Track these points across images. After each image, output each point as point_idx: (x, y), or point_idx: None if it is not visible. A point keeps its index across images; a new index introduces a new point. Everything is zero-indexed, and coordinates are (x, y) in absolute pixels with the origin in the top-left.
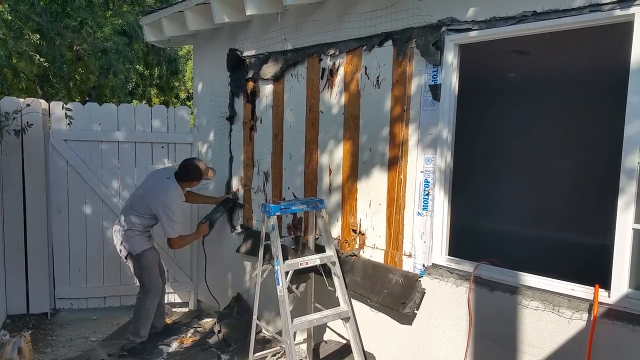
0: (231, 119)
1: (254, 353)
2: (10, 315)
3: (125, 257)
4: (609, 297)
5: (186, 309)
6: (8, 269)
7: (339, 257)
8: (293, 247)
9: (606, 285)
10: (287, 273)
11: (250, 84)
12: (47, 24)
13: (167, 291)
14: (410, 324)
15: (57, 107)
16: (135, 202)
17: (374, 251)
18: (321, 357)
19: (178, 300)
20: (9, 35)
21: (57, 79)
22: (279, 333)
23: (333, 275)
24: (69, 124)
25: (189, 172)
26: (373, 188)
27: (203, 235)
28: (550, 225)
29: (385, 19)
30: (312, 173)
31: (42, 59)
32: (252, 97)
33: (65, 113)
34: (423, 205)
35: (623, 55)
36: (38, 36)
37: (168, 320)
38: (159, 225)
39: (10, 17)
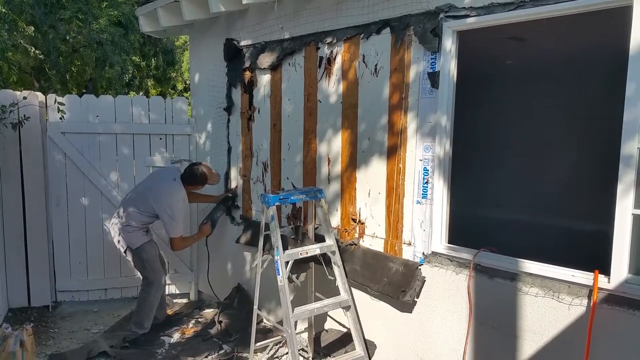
0: (229, 109)
1: (256, 343)
2: (11, 309)
3: (125, 252)
4: (609, 282)
5: (187, 300)
6: (9, 263)
7: (338, 247)
8: (293, 237)
9: (606, 270)
10: (287, 263)
11: (248, 74)
12: (40, 17)
13: (167, 282)
14: (411, 312)
15: (54, 100)
16: (136, 197)
17: (373, 240)
18: (322, 345)
19: (179, 291)
20: (4, 27)
21: (54, 72)
22: (280, 322)
23: (333, 265)
24: (60, 118)
25: (195, 176)
26: (372, 177)
27: (205, 235)
28: (549, 212)
29: (383, 6)
30: (310, 163)
31: (37, 52)
32: (250, 87)
33: (58, 107)
34: (422, 194)
35: (622, 41)
36: (32, 28)
37: (169, 311)
38: (158, 221)
39: (4, 10)
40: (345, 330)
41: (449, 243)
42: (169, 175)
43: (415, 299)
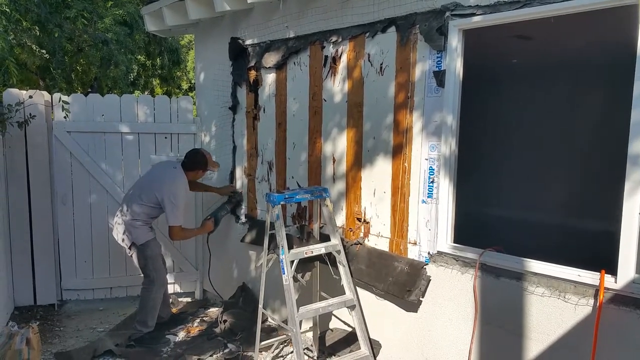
0: (234, 108)
1: (261, 341)
2: (17, 307)
3: (129, 248)
4: (616, 282)
5: (192, 299)
6: (15, 261)
7: (343, 246)
8: (298, 236)
9: (613, 270)
10: (292, 262)
11: (253, 73)
12: (45, 16)
13: (171, 281)
14: (416, 312)
15: (58, 99)
16: (139, 191)
17: (378, 239)
18: (327, 345)
19: (184, 290)
20: (9, 27)
21: (59, 71)
22: (285, 322)
23: (338, 264)
24: (65, 117)
25: (195, 160)
26: (377, 176)
27: (207, 232)
28: (556, 212)
29: (388, 4)
30: (316, 162)
31: (42, 51)
32: (255, 86)
33: (62, 106)
34: (428, 193)
35: (630, 40)
36: (37, 28)
37: (174, 310)
38: (161, 217)
39: (8, 10)
40: (350, 329)
41: (454, 242)
42: (169, 165)
43: (421, 299)
